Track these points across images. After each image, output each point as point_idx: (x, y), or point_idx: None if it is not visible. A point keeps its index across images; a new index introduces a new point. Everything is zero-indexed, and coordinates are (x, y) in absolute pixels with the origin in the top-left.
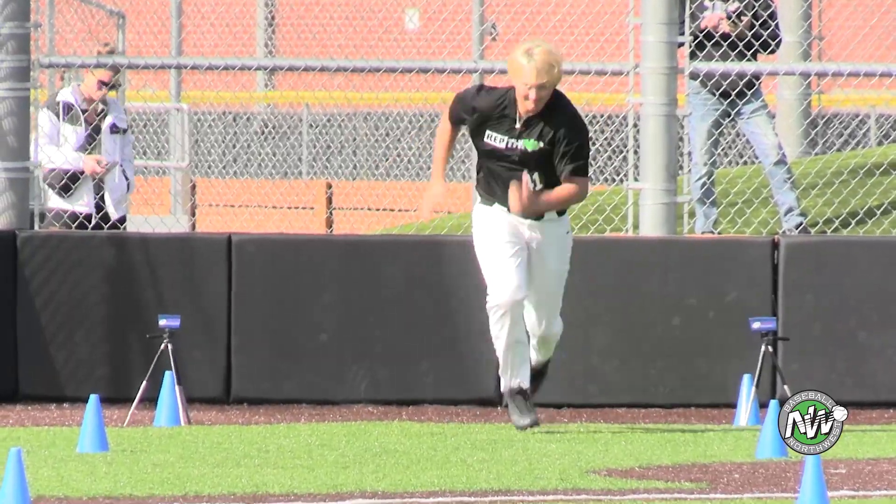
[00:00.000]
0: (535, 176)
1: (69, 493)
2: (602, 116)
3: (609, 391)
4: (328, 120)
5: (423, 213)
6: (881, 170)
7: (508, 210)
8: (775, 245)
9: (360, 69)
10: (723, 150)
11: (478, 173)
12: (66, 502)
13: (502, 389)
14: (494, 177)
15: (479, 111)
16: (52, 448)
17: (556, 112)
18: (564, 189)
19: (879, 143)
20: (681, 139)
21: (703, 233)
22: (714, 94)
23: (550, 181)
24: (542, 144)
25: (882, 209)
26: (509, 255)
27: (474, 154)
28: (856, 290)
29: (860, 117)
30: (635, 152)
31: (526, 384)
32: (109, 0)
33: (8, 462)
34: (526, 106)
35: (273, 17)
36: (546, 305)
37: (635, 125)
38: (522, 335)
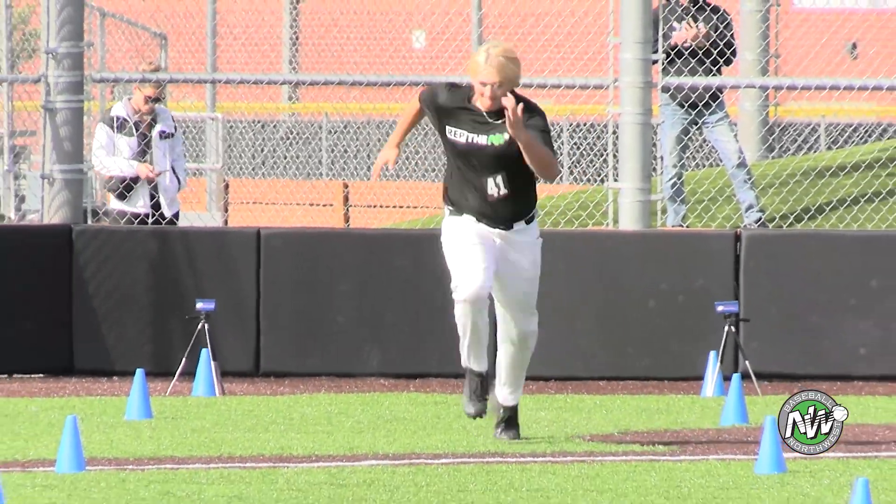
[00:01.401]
0: (500, 178)
1: (118, 454)
2: (585, 125)
3: (591, 366)
4: (345, 127)
5: (373, 174)
6: (830, 172)
7: (477, 220)
8: (737, 238)
9: (373, 83)
10: (690, 154)
11: (446, 184)
12: (115, 463)
13: (463, 364)
14: (462, 181)
15: (441, 106)
16: (103, 416)
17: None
18: (545, 149)
19: (829, 149)
20: (654, 145)
21: (673, 227)
22: (683, 106)
23: (514, 183)
24: (506, 136)
25: (831, 206)
26: (475, 250)
27: None
28: (809, 278)
29: (812, 126)
30: (614, 156)
31: (485, 369)
32: (153, 22)
33: (65, 428)
34: (483, 103)
35: (297, 37)
36: (520, 306)
37: (614, 133)
38: (485, 327)
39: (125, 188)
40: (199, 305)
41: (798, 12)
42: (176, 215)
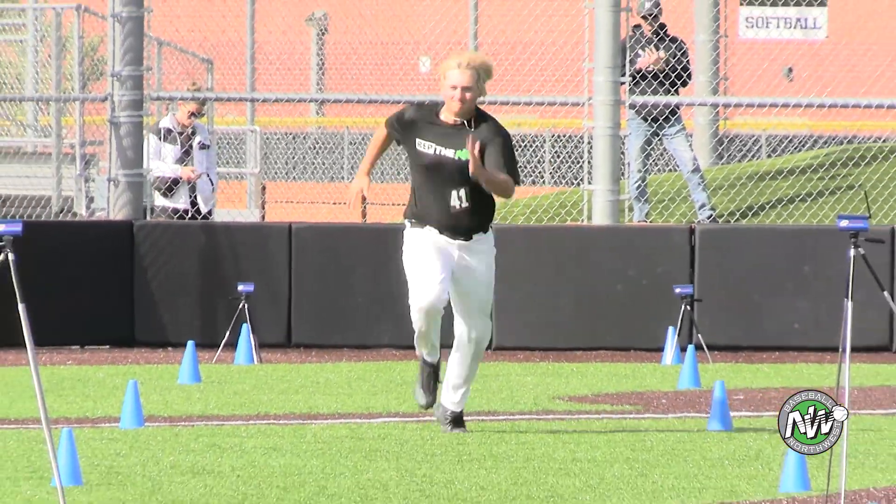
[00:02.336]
0: (462, 192)
1: (172, 413)
2: (564, 136)
3: (570, 338)
4: (363, 138)
5: (350, 206)
6: (770, 176)
7: (439, 231)
8: (692, 231)
9: (386, 101)
10: (653, 161)
11: (410, 200)
12: (169, 420)
13: (417, 354)
14: (426, 195)
15: (410, 120)
16: (159, 380)
17: (481, 122)
18: (503, 176)
19: (769, 156)
20: (622, 153)
21: (638, 222)
22: (646, 120)
23: (476, 196)
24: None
25: (770, 205)
26: (433, 264)
27: None
28: (752, 265)
29: (754, 137)
30: (589, 162)
31: (436, 360)
32: (201, 49)
33: (127, 391)
34: (452, 108)
35: (323, 63)
36: (478, 307)
37: (589, 142)
38: (437, 329)
39: (169, 187)
40: (241, 288)
41: (742, 42)
42: (210, 213)
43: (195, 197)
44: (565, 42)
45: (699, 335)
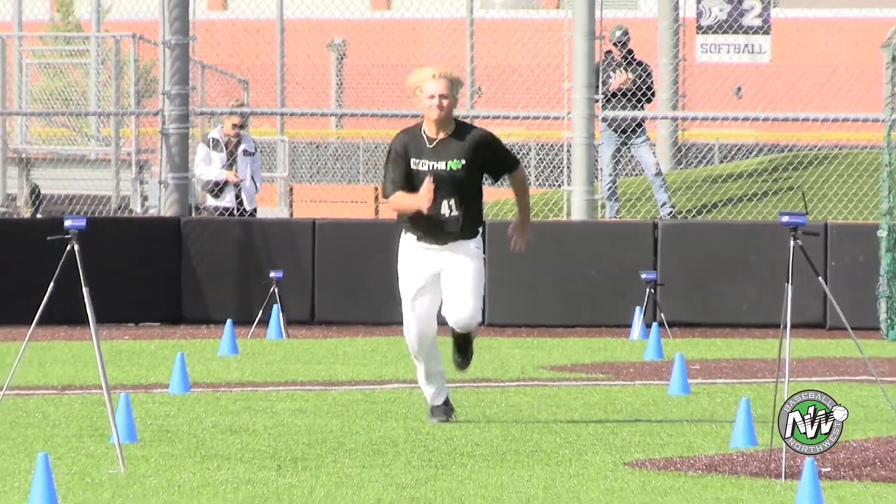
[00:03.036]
0: (452, 201)
1: (213, 380)
2: (547, 144)
3: (552, 316)
4: (375, 147)
5: (423, 203)
6: (722, 179)
7: (430, 240)
8: (655, 226)
9: (395, 115)
10: (622, 166)
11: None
12: (211, 386)
13: (428, 402)
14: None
15: (403, 146)
16: (203, 353)
17: (465, 132)
18: (520, 188)
19: (721, 162)
20: (596, 160)
21: (610, 218)
22: (616, 131)
23: (464, 205)
24: (463, 161)
25: (722, 203)
26: (423, 300)
27: None
28: (706, 254)
29: (708, 146)
30: (568, 167)
31: (444, 398)
32: (239, 71)
33: (175, 361)
34: (431, 115)
35: (341, 83)
36: (467, 292)
37: (568, 151)
38: (437, 364)
39: (217, 189)
40: (272, 274)
41: (699, 65)
42: (254, 211)
43: (240, 196)
44: (548, 65)
45: (661, 314)
